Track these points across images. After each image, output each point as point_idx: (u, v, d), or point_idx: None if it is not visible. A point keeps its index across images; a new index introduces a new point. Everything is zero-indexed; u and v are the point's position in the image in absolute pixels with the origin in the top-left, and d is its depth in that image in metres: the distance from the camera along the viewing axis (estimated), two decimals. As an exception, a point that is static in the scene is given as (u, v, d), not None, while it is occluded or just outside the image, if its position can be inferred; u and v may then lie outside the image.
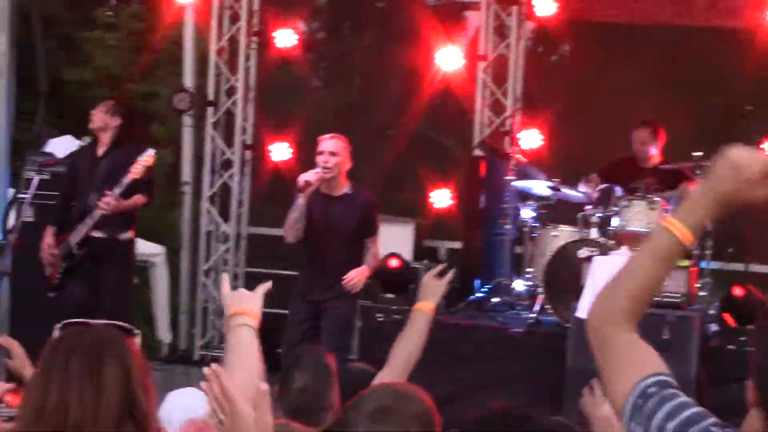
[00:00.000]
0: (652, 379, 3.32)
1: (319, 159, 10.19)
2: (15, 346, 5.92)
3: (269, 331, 10.80)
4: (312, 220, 10.27)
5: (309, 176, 10.11)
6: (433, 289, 6.42)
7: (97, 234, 11.56)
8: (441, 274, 6.53)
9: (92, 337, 4.18)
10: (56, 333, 5.38)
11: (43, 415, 3.98)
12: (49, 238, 11.64)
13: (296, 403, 5.81)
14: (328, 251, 10.35)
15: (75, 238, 11.54)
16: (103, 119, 11.88)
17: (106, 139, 11.83)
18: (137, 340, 5.25)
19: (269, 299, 12.17)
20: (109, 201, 11.20)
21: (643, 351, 3.48)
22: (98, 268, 11.71)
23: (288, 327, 10.79)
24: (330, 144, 10.29)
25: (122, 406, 3.95)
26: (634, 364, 3.43)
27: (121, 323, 5.36)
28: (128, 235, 11.87)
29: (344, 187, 10.39)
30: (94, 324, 5.01)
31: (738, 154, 3.22)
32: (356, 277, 10.23)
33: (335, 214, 10.32)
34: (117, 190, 11.21)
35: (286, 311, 10.99)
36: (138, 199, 11.61)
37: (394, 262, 13.43)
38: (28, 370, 5.76)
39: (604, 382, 3.54)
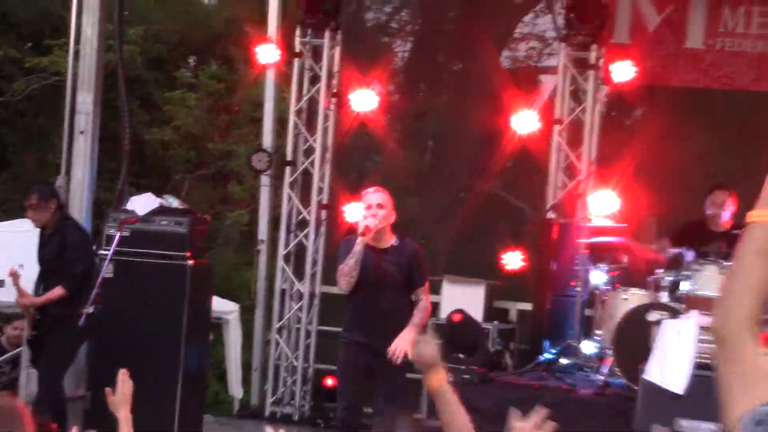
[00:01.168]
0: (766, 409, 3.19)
1: (367, 212, 10.31)
2: (126, 379, 6.11)
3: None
4: (364, 272, 10.28)
5: (369, 222, 10.20)
6: (428, 356, 5.67)
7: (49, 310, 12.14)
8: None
9: None
10: None
11: None
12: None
13: None
14: (379, 303, 10.32)
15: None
16: (42, 215, 12.22)
17: (52, 224, 12.23)
18: None
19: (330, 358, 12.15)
20: (23, 301, 12.13)
21: (763, 374, 3.33)
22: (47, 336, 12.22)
23: (342, 379, 10.92)
24: (376, 197, 10.41)
25: None
26: (753, 387, 3.28)
27: None
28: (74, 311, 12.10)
29: (391, 240, 10.45)
30: None
31: None
32: (399, 347, 10.02)
33: (384, 266, 10.34)
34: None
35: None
36: (56, 292, 12.03)
37: (456, 317, 13.48)
38: (123, 411, 6.04)
39: (722, 400, 3.33)
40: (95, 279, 12.18)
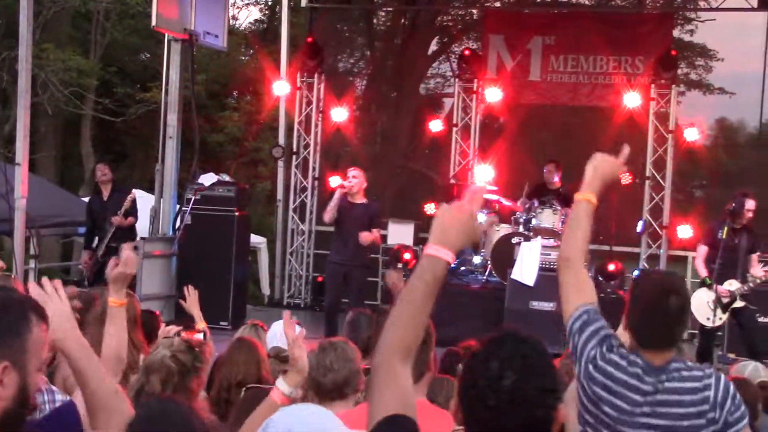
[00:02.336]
0: None
1: (347, 180, 10.40)
2: (191, 291, 5.88)
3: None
4: (343, 216, 10.31)
5: (345, 183, 10.36)
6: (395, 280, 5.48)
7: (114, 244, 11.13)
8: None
9: None
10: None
11: None
12: (86, 256, 11.46)
13: (367, 343, 5.42)
14: (350, 235, 10.27)
15: (99, 252, 11.26)
16: (109, 175, 11.66)
17: (108, 187, 11.64)
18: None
19: (321, 268, 11.90)
20: (117, 220, 11.16)
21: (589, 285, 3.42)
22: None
23: (328, 284, 10.96)
24: (354, 172, 10.48)
25: None
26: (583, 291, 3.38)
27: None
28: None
29: (362, 199, 10.40)
30: None
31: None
32: (368, 237, 10.18)
33: (355, 214, 10.30)
34: (119, 214, 11.19)
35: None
36: (131, 220, 11.43)
37: (407, 255, 13.37)
38: (195, 310, 5.78)
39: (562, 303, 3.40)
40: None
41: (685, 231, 13.71)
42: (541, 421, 2.20)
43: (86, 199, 13.33)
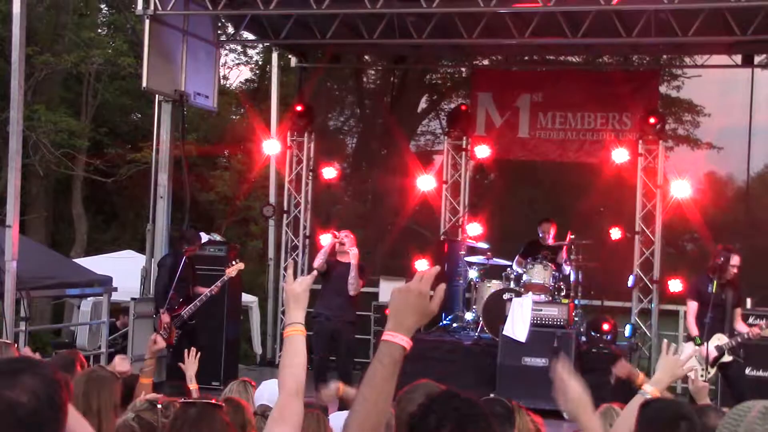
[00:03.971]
0: None
1: (338, 239, 10.80)
2: (192, 351, 5.81)
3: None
4: (332, 272, 10.67)
5: (339, 237, 10.79)
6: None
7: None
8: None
9: None
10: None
11: None
12: (166, 317, 11.03)
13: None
14: (337, 292, 10.63)
15: (187, 313, 11.20)
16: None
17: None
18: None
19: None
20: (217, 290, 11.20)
21: None
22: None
23: (315, 342, 10.66)
24: (345, 233, 10.89)
25: None
26: None
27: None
28: None
29: (349, 260, 10.67)
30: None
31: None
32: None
33: (343, 272, 10.63)
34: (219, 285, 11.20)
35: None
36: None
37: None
38: (191, 370, 5.73)
39: None
40: None
41: (676, 285, 13.71)
42: None
43: (102, 256, 13.30)
